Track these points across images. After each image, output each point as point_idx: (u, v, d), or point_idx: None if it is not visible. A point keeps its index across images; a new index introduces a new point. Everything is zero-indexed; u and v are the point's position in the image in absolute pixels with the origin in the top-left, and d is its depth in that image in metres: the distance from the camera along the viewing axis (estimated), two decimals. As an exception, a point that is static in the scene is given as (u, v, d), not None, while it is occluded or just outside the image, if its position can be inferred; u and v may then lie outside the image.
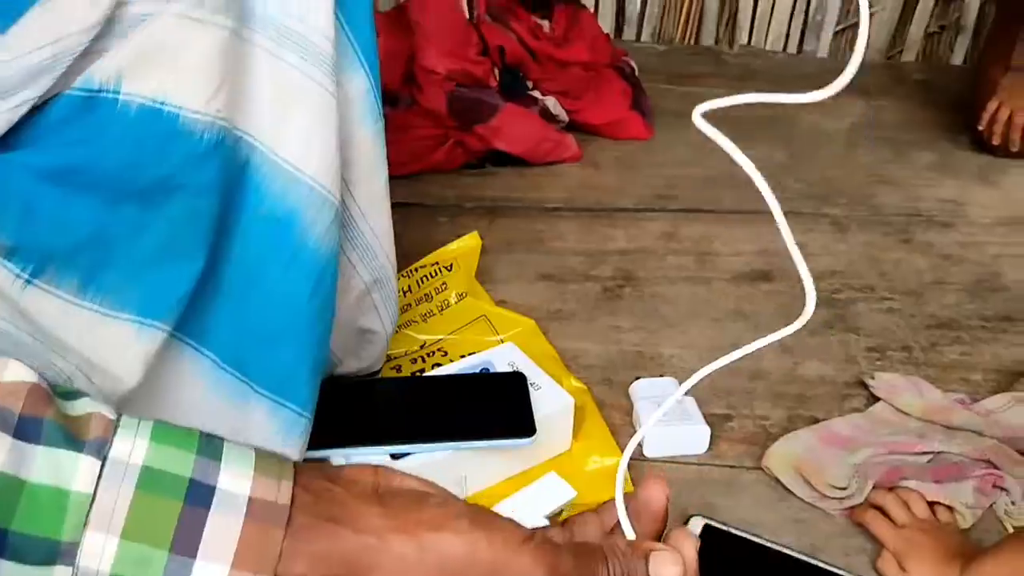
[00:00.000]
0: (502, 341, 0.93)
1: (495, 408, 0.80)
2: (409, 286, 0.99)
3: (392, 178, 1.35)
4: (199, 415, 0.65)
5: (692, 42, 1.90)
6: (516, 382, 0.82)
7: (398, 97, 1.33)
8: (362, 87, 0.70)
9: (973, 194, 1.32)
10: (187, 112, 0.58)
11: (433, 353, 0.94)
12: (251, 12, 0.61)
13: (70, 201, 0.58)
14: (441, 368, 0.88)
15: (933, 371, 0.97)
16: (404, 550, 0.43)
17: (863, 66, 0.53)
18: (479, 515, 0.46)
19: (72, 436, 0.41)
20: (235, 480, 0.42)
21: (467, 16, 1.35)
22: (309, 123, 0.65)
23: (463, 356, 0.88)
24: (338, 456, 0.77)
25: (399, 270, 1.02)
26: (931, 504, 0.78)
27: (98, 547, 0.39)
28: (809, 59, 1.86)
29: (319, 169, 0.65)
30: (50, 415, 0.41)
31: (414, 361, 0.93)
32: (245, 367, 0.67)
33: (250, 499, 0.42)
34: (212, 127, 0.59)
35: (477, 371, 0.86)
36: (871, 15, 1.86)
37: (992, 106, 1.38)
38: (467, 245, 1.07)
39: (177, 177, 0.59)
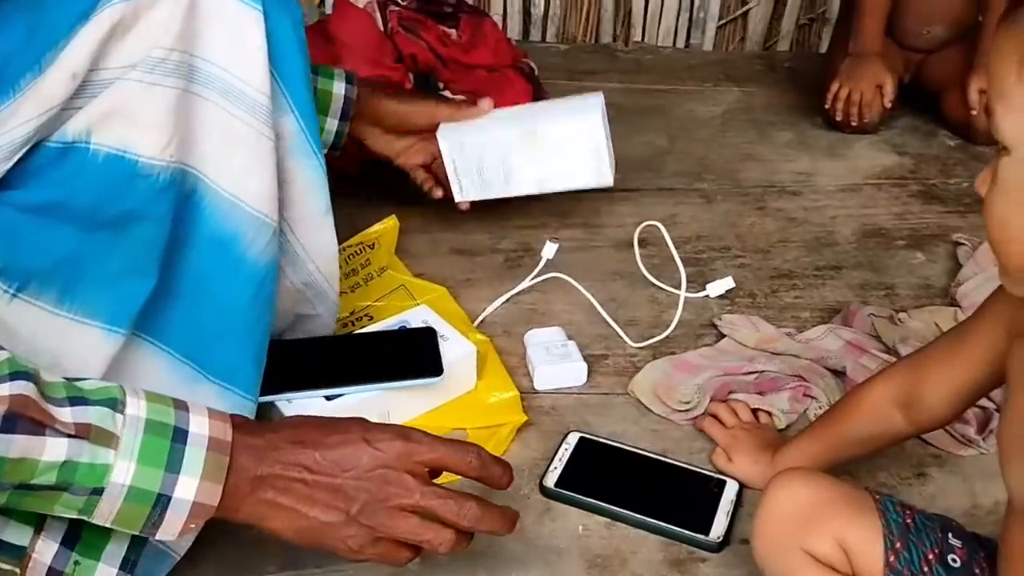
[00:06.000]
0: (418, 305, 1.12)
1: (409, 355, 1.00)
2: (340, 262, 1.18)
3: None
4: None
5: (592, 40, 2.10)
6: (426, 334, 1.02)
7: (324, 102, 1.51)
8: (292, 128, 0.86)
9: (821, 166, 1.55)
10: (144, 159, 0.75)
11: (361, 318, 1.13)
12: (200, 73, 0.78)
13: (49, 230, 0.75)
14: (366, 328, 1.07)
15: (771, 312, 1.19)
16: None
17: (741, 55, 0.65)
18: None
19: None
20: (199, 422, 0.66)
21: (382, 28, 1.54)
22: (248, 161, 0.81)
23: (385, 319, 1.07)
24: (282, 400, 0.95)
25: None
26: (754, 411, 1.00)
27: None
28: (695, 52, 2.07)
29: (257, 198, 0.82)
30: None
31: (344, 326, 1.11)
32: (197, 359, 0.82)
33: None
34: (167, 169, 0.77)
35: (396, 329, 1.05)
36: (748, 9, 2.09)
37: (834, 86, 1.61)
38: (387, 227, 1.26)
39: (139, 210, 0.76)
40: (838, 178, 1.51)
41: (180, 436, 0.65)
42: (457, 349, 1.02)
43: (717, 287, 1.20)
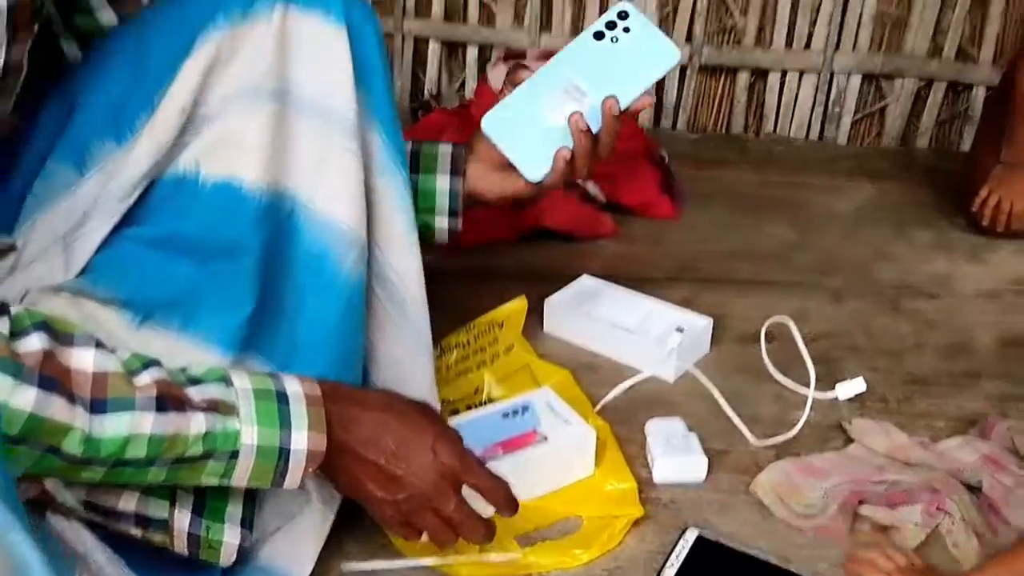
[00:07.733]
0: (540, 386, 1.14)
1: None
2: (468, 339, 1.21)
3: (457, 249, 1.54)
4: None
5: (723, 130, 2.12)
6: None
7: (460, 182, 1.57)
8: (378, 144, 0.87)
9: (961, 269, 1.50)
10: (248, 184, 0.81)
11: (480, 395, 1.15)
12: (292, 95, 0.82)
13: (169, 263, 0.81)
14: (488, 406, 1.08)
15: (904, 419, 1.15)
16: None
17: (877, 150, 0.65)
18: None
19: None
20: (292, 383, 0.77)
21: (520, 114, 1.59)
22: (338, 178, 0.84)
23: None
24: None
25: (461, 326, 1.24)
26: (885, 527, 0.96)
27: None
28: (829, 145, 2.05)
29: (346, 214, 0.84)
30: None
31: (469, 407, 1.12)
32: (294, 372, 0.83)
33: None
34: (267, 192, 0.81)
35: (519, 409, 1.06)
36: (886, 104, 2.06)
37: (984, 192, 1.57)
38: (516, 307, 1.28)
39: (245, 237, 0.81)
40: (979, 282, 1.46)
41: (282, 398, 0.75)
42: (577, 433, 1.03)
43: (847, 388, 1.17)
